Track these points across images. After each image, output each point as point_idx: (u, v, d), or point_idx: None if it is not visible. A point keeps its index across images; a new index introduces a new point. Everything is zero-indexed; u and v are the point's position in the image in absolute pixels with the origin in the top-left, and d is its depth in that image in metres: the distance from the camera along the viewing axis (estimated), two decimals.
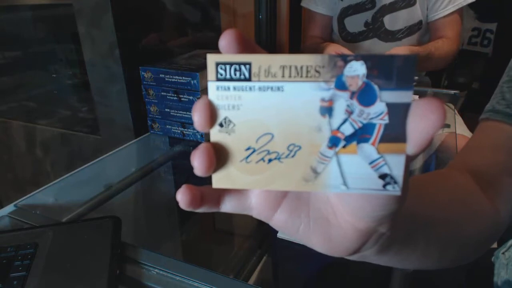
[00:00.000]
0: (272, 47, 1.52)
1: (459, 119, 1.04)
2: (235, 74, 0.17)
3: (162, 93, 0.82)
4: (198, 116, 0.18)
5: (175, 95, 0.81)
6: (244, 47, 0.18)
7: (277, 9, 1.51)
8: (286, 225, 0.22)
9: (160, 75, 0.81)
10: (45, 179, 1.22)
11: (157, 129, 0.87)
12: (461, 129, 0.98)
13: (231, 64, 0.17)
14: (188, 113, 0.81)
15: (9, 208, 0.57)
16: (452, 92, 1.09)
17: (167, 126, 0.85)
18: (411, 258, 0.29)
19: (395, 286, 0.48)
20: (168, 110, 0.83)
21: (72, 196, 0.64)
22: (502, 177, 0.38)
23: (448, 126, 0.93)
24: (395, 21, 1.19)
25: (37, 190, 0.62)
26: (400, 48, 1.05)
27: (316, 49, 1.20)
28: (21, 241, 0.48)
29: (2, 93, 1.34)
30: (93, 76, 0.92)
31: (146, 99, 0.85)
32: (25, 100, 1.32)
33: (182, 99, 0.81)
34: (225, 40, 0.18)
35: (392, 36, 1.22)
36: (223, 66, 0.17)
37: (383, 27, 1.21)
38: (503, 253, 0.53)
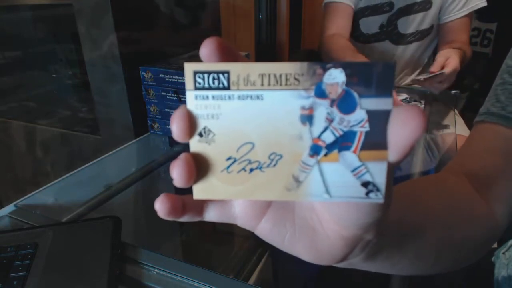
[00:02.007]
0: (272, 47, 1.52)
1: (459, 119, 1.04)
2: (213, 83, 0.17)
3: (162, 93, 0.82)
4: (176, 126, 0.18)
5: (175, 95, 0.81)
6: (226, 55, 0.18)
7: (277, 9, 1.51)
8: (272, 234, 0.21)
9: (160, 75, 0.81)
10: (45, 179, 1.22)
11: (157, 129, 0.87)
12: (462, 129, 0.98)
13: (209, 72, 0.17)
14: None
15: (9, 208, 0.57)
16: (452, 92, 1.09)
17: (167, 126, 0.85)
18: (403, 264, 0.29)
19: (395, 286, 0.48)
20: (168, 110, 0.83)
21: (72, 196, 0.64)
22: (499, 179, 0.38)
23: (448, 127, 0.93)
24: (408, 24, 1.18)
25: (37, 190, 0.62)
26: (447, 51, 1.01)
27: (345, 52, 1.11)
28: (21, 241, 0.48)
29: (2, 93, 1.34)
30: (93, 76, 0.92)
31: (146, 99, 0.85)
32: (25, 100, 1.33)
33: (182, 99, 0.81)
34: (206, 48, 0.18)
35: (403, 40, 1.21)
36: (201, 75, 0.17)
37: (396, 30, 1.20)
38: (503, 253, 0.53)
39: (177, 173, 0.18)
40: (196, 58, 0.91)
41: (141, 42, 0.92)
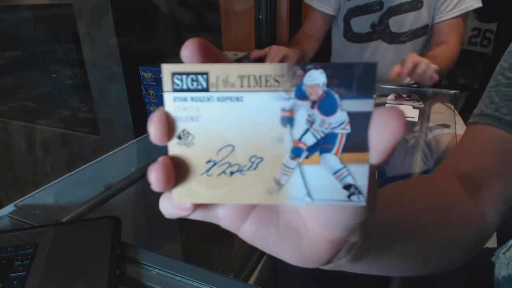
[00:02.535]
0: None
1: (459, 119, 1.04)
2: (192, 85, 0.17)
3: (162, 93, 0.82)
4: (154, 129, 0.17)
5: None
6: (208, 56, 0.18)
7: (277, 9, 1.52)
8: (256, 237, 0.21)
9: (160, 75, 0.81)
10: (45, 179, 1.22)
11: None
12: (462, 129, 0.98)
13: (187, 74, 0.17)
14: None
15: (9, 208, 0.57)
16: (452, 92, 1.09)
17: None
18: (390, 265, 0.29)
19: (395, 286, 0.48)
20: None
21: (72, 196, 0.64)
22: (491, 181, 0.38)
23: (447, 126, 0.93)
24: (400, 23, 1.19)
25: (37, 190, 0.62)
26: (411, 56, 1.01)
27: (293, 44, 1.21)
28: (21, 241, 0.48)
29: (2, 93, 1.34)
30: (93, 76, 0.92)
31: (146, 99, 0.85)
32: (25, 100, 1.33)
33: None
34: (188, 50, 0.18)
35: (396, 39, 1.21)
36: (179, 76, 0.17)
37: (388, 29, 1.21)
38: (503, 253, 0.53)
39: (155, 177, 0.17)
40: None
41: (141, 42, 0.92)
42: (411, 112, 0.93)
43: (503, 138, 0.39)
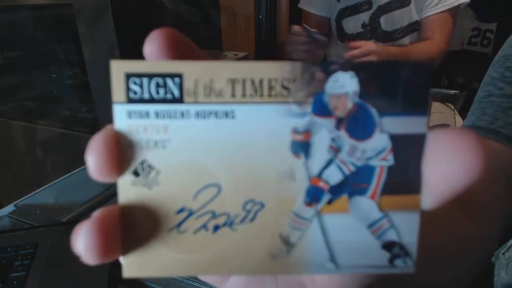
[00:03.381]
0: (272, 47, 1.52)
1: (459, 119, 1.04)
2: (157, 92, 0.12)
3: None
4: (94, 160, 0.12)
5: None
6: (182, 54, 0.13)
7: (277, 9, 1.51)
8: None
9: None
10: (45, 179, 1.22)
11: None
12: None
13: (150, 76, 0.12)
14: None
15: (9, 208, 0.57)
16: (452, 92, 1.09)
17: None
18: None
19: None
20: None
21: (72, 196, 0.64)
22: (488, 199, 0.36)
23: (447, 126, 0.93)
24: (391, 21, 1.19)
25: (37, 190, 0.62)
26: (369, 44, 1.02)
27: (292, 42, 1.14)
28: (21, 241, 0.48)
29: (2, 93, 1.34)
30: (93, 76, 0.92)
31: None
32: (25, 100, 1.33)
33: None
34: (153, 44, 0.13)
35: (389, 37, 1.22)
36: (137, 80, 0.12)
37: (379, 28, 1.21)
38: (503, 253, 0.53)
39: (84, 244, 0.11)
40: None
41: (141, 42, 0.92)
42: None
43: (500, 151, 0.37)
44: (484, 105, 0.41)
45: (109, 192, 0.66)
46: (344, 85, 0.11)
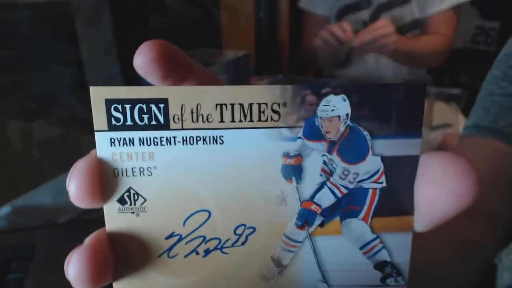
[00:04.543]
0: (272, 47, 1.52)
1: (461, 118, 1.04)
2: (141, 119, 0.11)
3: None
4: (76, 187, 0.11)
5: None
6: (173, 65, 0.13)
7: (277, 9, 1.51)
8: None
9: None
10: (43, 179, 1.21)
11: None
12: None
13: (133, 102, 0.11)
14: None
15: (6, 208, 0.57)
16: (455, 90, 1.09)
17: None
18: None
19: None
20: None
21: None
22: (490, 199, 0.35)
23: (450, 125, 0.93)
24: (391, 19, 1.19)
25: (34, 191, 0.62)
26: (382, 22, 1.04)
27: (313, 47, 1.19)
28: (18, 242, 0.47)
29: None
30: (91, 76, 0.91)
31: None
32: (22, 99, 1.32)
33: None
34: (143, 56, 0.13)
35: None
36: (119, 107, 0.12)
37: None
38: (507, 255, 0.52)
39: (75, 273, 0.12)
40: (197, 59, 0.91)
41: (140, 42, 0.92)
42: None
43: (503, 151, 0.37)
44: (487, 104, 0.40)
45: None
46: (335, 107, 0.12)
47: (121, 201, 0.12)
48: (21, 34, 1.31)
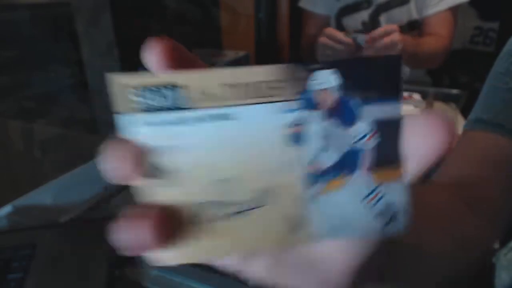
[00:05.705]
0: (272, 47, 1.52)
1: (460, 119, 1.04)
2: (159, 102, 0.13)
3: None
4: (114, 167, 0.13)
5: None
6: (180, 62, 0.14)
7: (277, 10, 1.51)
8: (269, 276, 0.17)
9: None
10: (44, 179, 1.22)
11: None
12: None
13: (151, 88, 0.13)
14: None
15: (7, 208, 0.57)
16: (454, 91, 1.09)
17: None
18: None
19: None
20: None
21: (70, 197, 0.64)
22: (492, 192, 0.35)
23: None
24: (390, 19, 1.19)
25: (35, 190, 0.62)
26: (390, 26, 1.03)
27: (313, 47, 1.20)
28: (19, 242, 0.47)
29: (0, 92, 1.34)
30: (92, 76, 0.92)
31: None
32: (24, 99, 1.32)
33: None
34: (153, 52, 0.14)
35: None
36: (139, 92, 0.13)
37: (379, 26, 1.21)
38: (504, 254, 0.52)
39: (143, 237, 0.14)
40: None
41: (140, 41, 0.92)
42: (412, 111, 0.93)
43: (504, 145, 0.37)
44: (489, 99, 0.41)
45: (108, 193, 0.66)
46: (326, 81, 0.13)
47: (150, 176, 0.14)
48: (21, 34, 1.31)
